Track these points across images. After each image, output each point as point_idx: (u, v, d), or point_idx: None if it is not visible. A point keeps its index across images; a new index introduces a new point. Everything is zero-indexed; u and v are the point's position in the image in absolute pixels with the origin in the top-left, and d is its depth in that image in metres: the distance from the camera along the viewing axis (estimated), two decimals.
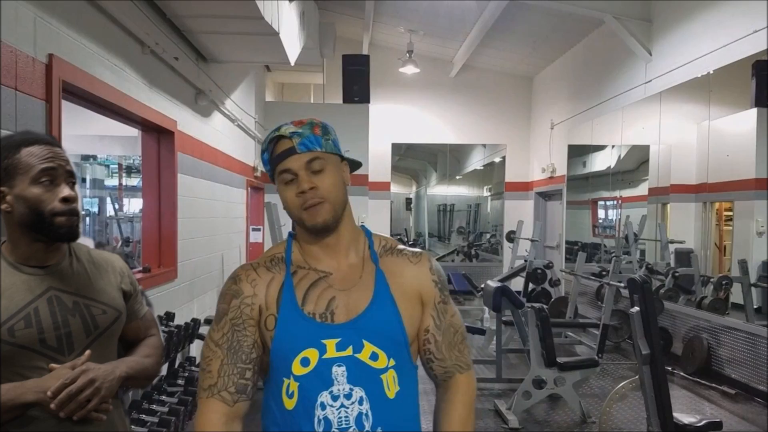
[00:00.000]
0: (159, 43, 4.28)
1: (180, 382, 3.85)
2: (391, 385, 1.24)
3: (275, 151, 1.30)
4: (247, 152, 7.86)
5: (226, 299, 1.31)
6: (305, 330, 1.24)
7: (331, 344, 1.23)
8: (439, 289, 1.37)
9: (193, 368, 4.19)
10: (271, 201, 6.58)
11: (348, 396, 1.21)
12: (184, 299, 5.11)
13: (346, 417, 1.20)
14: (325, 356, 1.22)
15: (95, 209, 10.18)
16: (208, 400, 1.25)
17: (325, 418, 1.20)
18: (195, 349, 4.95)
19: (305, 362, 1.22)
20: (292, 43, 5.82)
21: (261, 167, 8.46)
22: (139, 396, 3.51)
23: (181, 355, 4.51)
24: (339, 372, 1.22)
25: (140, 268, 4.41)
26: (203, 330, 4.95)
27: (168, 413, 3.31)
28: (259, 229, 8.61)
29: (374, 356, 1.24)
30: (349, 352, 1.23)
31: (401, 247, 1.40)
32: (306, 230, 1.31)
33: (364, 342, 1.24)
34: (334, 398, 1.21)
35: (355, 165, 1.40)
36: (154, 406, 3.38)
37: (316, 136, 1.29)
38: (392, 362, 1.25)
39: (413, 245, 3.76)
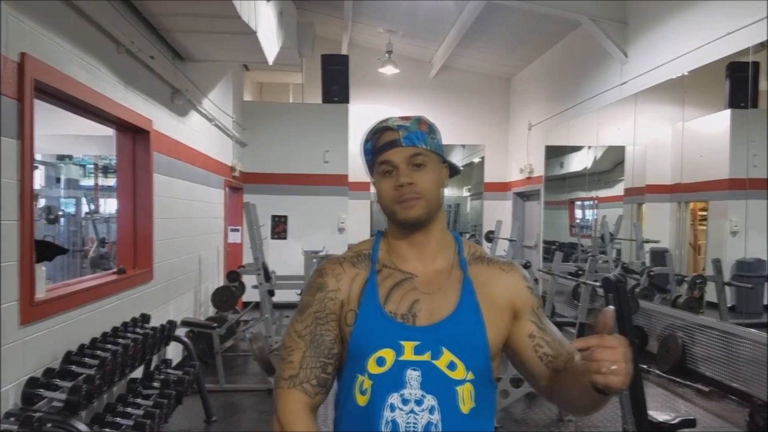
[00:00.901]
0: (134, 41, 4.23)
1: (155, 384, 3.80)
2: (466, 400, 1.20)
3: (378, 143, 1.29)
4: (225, 152, 7.81)
5: (311, 291, 1.31)
6: (384, 328, 1.22)
7: (409, 346, 1.20)
8: (535, 296, 1.33)
9: (169, 371, 4.14)
10: (249, 201, 6.56)
11: (419, 402, 1.18)
12: (161, 301, 5.06)
13: (415, 423, 1.17)
14: (401, 358, 1.20)
15: (71, 209, 10.04)
16: (290, 390, 1.25)
17: (393, 421, 1.17)
18: (171, 351, 4.91)
19: (381, 362, 1.20)
20: (270, 42, 5.79)
21: (239, 167, 8.42)
22: (113, 399, 3.47)
23: (158, 357, 4.46)
24: (413, 376, 1.19)
25: (115, 269, 4.36)
26: (179, 332, 4.91)
27: (143, 416, 3.27)
28: (237, 230, 8.56)
29: (452, 366, 1.20)
30: (426, 357, 1.20)
31: (491, 257, 1.37)
32: (397, 224, 1.30)
33: (443, 349, 1.20)
34: (405, 402, 1.18)
35: (454, 171, 1.39)
36: (129, 409, 3.33)
37: (422, 132, 1.28)
38: (470, 375, 1.21)
39: None
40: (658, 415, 3.43)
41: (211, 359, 5.52)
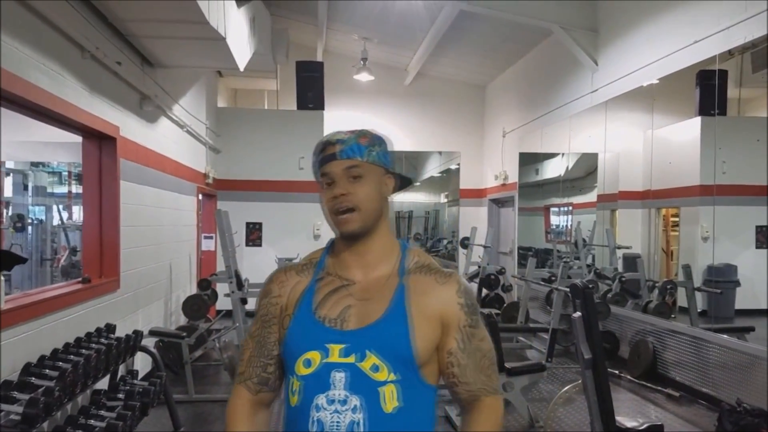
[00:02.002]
0: (100, 47, 4.17)
1: (120, 395, 3.73)
2: (388, 400, 1.24)
3: (321, 156, 1.35)
4: (198, 158, 7.74)
5: (259, 297, 1.43)
6: (312, 332, 1.29)
7: (335, 349, 1.26)
8: (465, 312, 1.34)
9: (135, 382, 4.08)
10: (222, 208, 6.49)
11: (343, 402, 1.23)
12: (128, 310, 4.98)
13: (339, 423, 1.23)
14: (327, 360, 1.26)
15: (42, 217, 9.88)
16: (237, 385, 1.41)
17: (319, 420, 1.24)
18: (139, 361, 4.83)
19: (307, 363, 1.27)
20: (242, 48, 5.75)
21: (213, 174, 8.35)
22: (76, 411, 3.40)
23: (124, 367, 4.39)
24: (338, 377, 1.24)
25: (80, 279, 4.28)
26: (148, 342, 4.84)
27: (106, 428, 3.20)
28: (211, 237, 8.48)
29: (375, 368, 1.25)
30: (351, 359, 1.25)
31: (435, 266, 1.39)
32: (339, 235, 1.37)
33: (368, 352, 1.25)
34: (330, 402, 1.24)
35: (405, 181, 1.44)
36: (91, 422, 3.27)
37: (360, 145, 1.33)
38: (394, 377, 1.25)
39: None
40: (625, 421, 3.44)
41: (180, 369, 5.44)
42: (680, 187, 6.56)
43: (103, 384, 3.82)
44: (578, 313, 3.38)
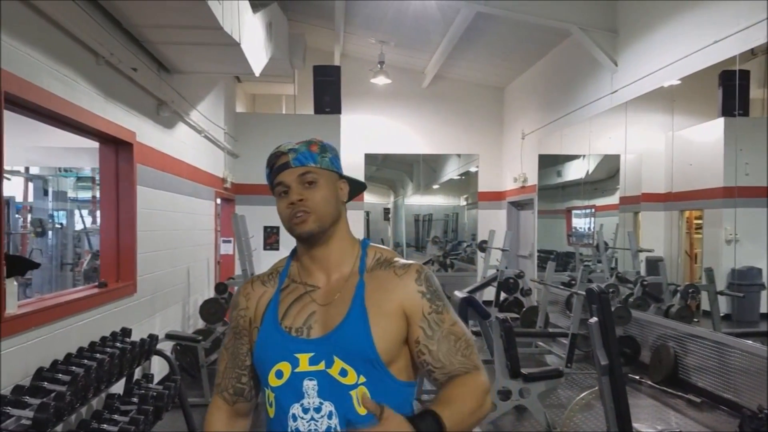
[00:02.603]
0: (114, 53, 4.20)
1: (134, 399, 3.74)
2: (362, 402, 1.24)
3: (274, 166, 1.36)
4: (216, 163, 7.78)
5: (231, 309, 1.47)
6: (280, 343, 1.30)
7: (304, 358, 1.27)
8: (428, 300, 1.32)
9: (151, 386, 4.09)
10: (239, 213, 6.52)
11: (318, 410, 1.25)
12: (145, 314, 5.01)
13: (315, 430, 1.24)
14: (297, 369, 1.27)
15: (64, 222, 10.01)
16: (215, 396, 1.45)
17: (297, 430, 1.26)
18: (155, 365, 4.85)
19: (279, 374, 1.28)
20: (257, 53, 5.77)
21: (231, 178, 8.39)
22: (90, 415, 3.42)
23: (140, 371, 4.41)
24: (310, 386, 1.26)
25: (96, 283, 4.31)
26: (165, 346, 4.86)
27: None
28: (230, 241, 8.51)
29: (343, 372, 1.26)
30: (321, 366, 1.26)
31: (396, 259, 1.39)
32: (297, 240, 1.37)
33: (335, 358, 1.26)
34: (305, 411, 1.26)
35: (358, 185, 1.45)
36: (104, 426, 3.27)
37: (311, 152, 1.35)
38: (362, 379, 1.25)
39: None
40: (642, 427, 3.37)
41: (197, 372, 5.46)
42: (703, 189, 6.44)
43: (118, 388, 3.83)
44: (594, 319, 3.32)
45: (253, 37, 5.48)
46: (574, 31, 7.20)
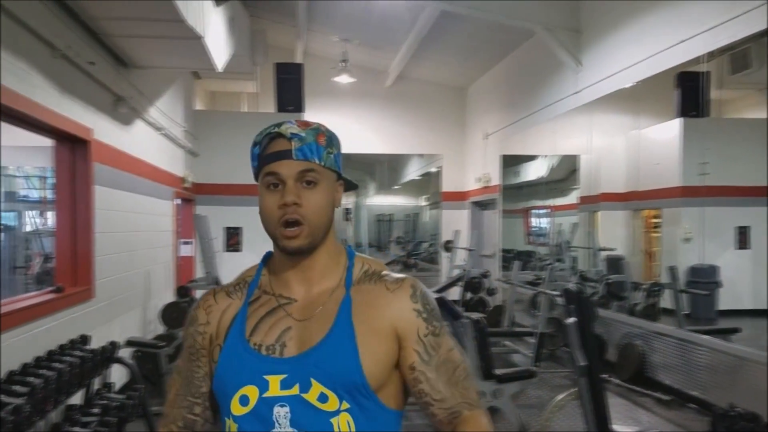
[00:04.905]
0: (72, 46, 3.99)
1: (95, 410, 3.55)
2: (344, 431, 1.07)
3: (267, 149, 1.14)
4: (175, 162, 7.54)
5: (185, 326, 1.23)
6: (247, 364, 1.10)
7: (275, 381, 1.08)
8: (424, 319, 1.15)
9: (111, 395, 3.89)
10: (200, 213, 6.32)
11: None
12: (103, 319, 4.79)
13: None
14: (266, 394, 1.07)
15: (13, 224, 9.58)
16: (161, 430, 1.22)
17: None
18: (115, 373, 4.64)
19: (244, 401, 1.08)
20: (219, 48, 5.59)
21: (191, 177, 8.15)
22: (48, 429, 3.22)
23: (100, 380, 4.20)
24: (281, 413, 1.06)
25: (50, 288, 4.08)
26: (125, 352, 4.65)
27: None
28: (190, 243, 8.27)
29: (323, 397, 1.07)
30: (295, 390, 1.07)
31: (386, 272, 1.21)
32: (279, 249, 1.16)
33: (312, 380, 1.07)
34: None
35: (351, 186, 1.25)
36: None
37: (318, 145, 1.14)
38: (346, 405, 1.07)
39: None
40: (621, 428, 3.36)
41: (158, 380, 5.25)
42: (662, 188, 6.55)
43: (77, 398, 3.63)
44: (572, 319, 3.29)
45: (215, 31, 5.31)
46: (537, 31, 7.22)
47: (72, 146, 4.37)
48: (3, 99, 3.17)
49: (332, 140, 1.18)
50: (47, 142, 4.35)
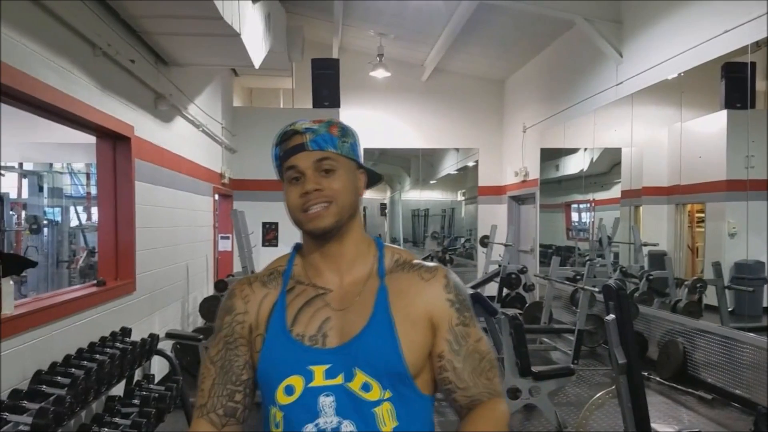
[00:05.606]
0: (112, 44, 4.07)
1: (135, 401, 3.63)
2: (386, 420, 1.10)
3: (286, 147, 1.19)
4: (214, 158, 7.65)
5: (220, 315, 1.24)
6: (291, 354, 1.13)
7: (319, 371, 1.11)
8: (456, 310, 1.19)
9: (152, 386, 3.97)
10: (237, 209, 6.40)
11: (336, 430, 1.08)
12: (144, 313, 4.89)
13: None
14: (311, 384, 1.11)
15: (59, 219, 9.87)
16: (198, 420, 1.20)
17: None
18: (156, 365, 4.73)
19: (289, 390, 1.12)
20: (257, 45, 5.63)
21: (229, 174, 8.26)
22: (90, 419, 3.30)
23: (141, 372, 4.30)
24: (327, 402, 1.10)
25: (93, 281, 4.18)
26: (165, 345, 4.74)
27: None
28: (228, 237, 8.39)
29: (366, 387, 1.10)
30: (339, 380, 1.10)
31: (417, 261, 1.24)
32: (307, 235, 1.20)
33: (356, 370, 1.10)
34: (321, 431, 1.09)
35: (374, 177, 1.28)
36: (105, 430, 3.16)
37: (331, 135, 1.18)
38: (388, 394, 1.11)
39: None
40: (661, 427, 3.28)
41: (198, 372, 5.34)
42: (706, 182, 6.36)
43: (118, 390, 3.72)
44: (611, 316, 3.21)
45: (252, 28, 5.34)
46: (578, 22, 7.09)
47: (113, 143, 4.47)
48: (47, 97, 3.25)
49: (346, 131, 1.21)
50: (91, 139, 4.46)
